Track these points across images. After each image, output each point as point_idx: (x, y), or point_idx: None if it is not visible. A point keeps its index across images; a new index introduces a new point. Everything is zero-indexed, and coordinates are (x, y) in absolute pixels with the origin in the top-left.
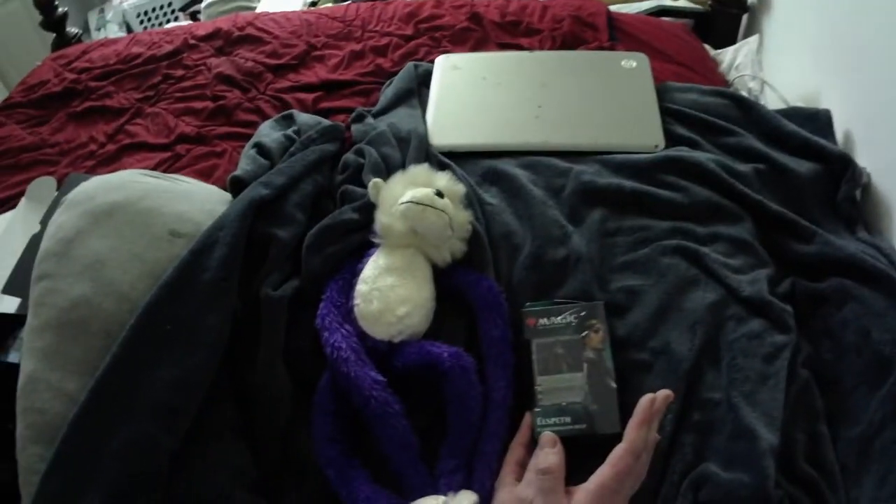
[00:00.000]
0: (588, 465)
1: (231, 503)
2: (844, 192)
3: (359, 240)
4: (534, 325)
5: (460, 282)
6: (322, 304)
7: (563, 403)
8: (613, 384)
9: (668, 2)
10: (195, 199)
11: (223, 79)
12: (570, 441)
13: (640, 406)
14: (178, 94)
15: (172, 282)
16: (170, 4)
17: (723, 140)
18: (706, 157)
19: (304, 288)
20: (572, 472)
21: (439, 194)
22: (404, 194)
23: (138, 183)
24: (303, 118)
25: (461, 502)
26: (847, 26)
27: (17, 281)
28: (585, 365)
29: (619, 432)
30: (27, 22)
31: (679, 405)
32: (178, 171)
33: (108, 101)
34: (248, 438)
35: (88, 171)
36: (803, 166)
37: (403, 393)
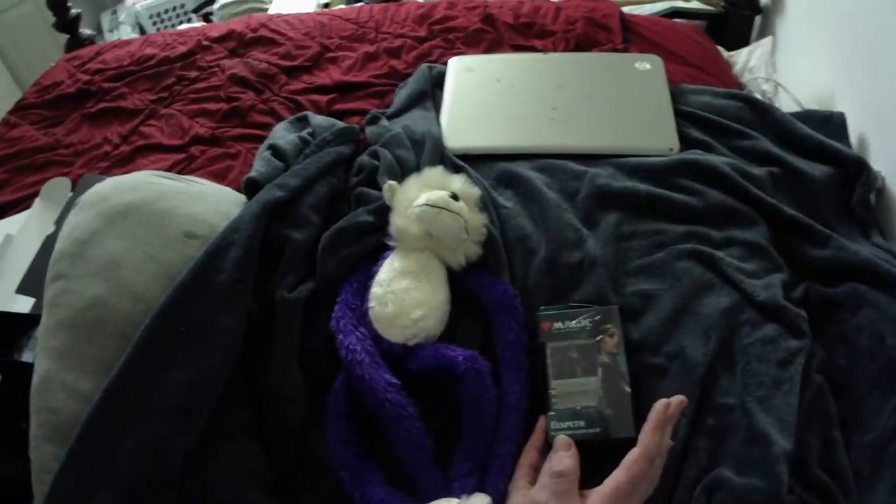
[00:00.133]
0: (602, 469)
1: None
2: (859, 195)
3: (374, 242)
4: (548, 329)
5: (475, 285)
6: (337, 307)
7: (578, 407)
8: (628, 388)
9: (680, 3)
10: (209, 200)
11: (237, 80)
12: (583, 445)
13: (655, 411)
14: (192, 96)
15: (187, 283)
16: (182, 6)
17: (737, 143)
18: (721, 160)
19: (318, 290)
20: (586, 476)
21: (454, 197)
22: (419, 197)
23: (153, 184)
24: (317, 120)
25: None
26: (861, 28)
27: (32, 281)
28: (600, 369)
29: (634, 437)
30: (40, 23)
31: (693, 410)
32: (193, 172)
33: (122, 103)
34: (263, 440)
35: (103, 172)
36: (818, 170)
37: (418, 396)
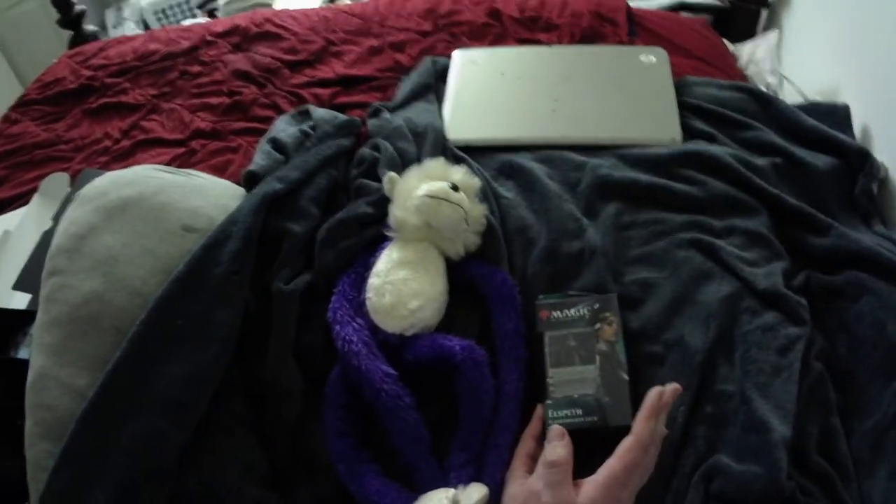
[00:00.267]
0: (598, 457)
1: (241, 498)
2: (861, 185)
3: (372, 234)
4: (546, 318)
5: (474, 275)
6: (334, 298)
7: (575, 396)
8: (626, 376)
9: None
10: (209, 194)
11: (239, 74)
12: (581, 433)
13: (648, 399)
14: (195, 90)
15: (184, 276)
16: (187, 2)
17: (741, 134)
18: (723, 150)
19: (316, 282)
20: (582, 464)
21: (454, 188)
22: (419, 188)
23: (152, 178)
24: (319, 113)
25: (471, 495)
26: (866, 22)
27: (28, 277)
28: (598, 357)
29: (631, 425)
30: (45, 20)
31: (692, 397)
32: (193, 166)
33: (124, 98)
34: (259, 433)
35: (102, 167)
36: (821, 160)
37: (415, 386)
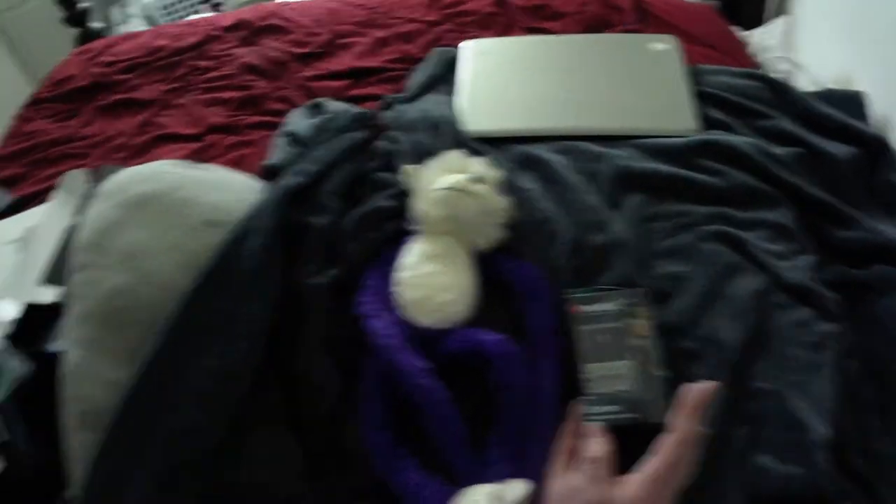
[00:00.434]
0: (634, 454)
1: (276, 490)
2: (881, 176)
3: (395, 227)
4: (578, 313)
5: (503, 268)
6: (364, 292)
7: (612, 392)
8: (661, 372)
9: None
10: (229, 188)
11: (250, 69)
12: (617, 430)
13: (686, 396)
14: (206, 85)
15: (212, 271)
16: None
17: (757, 123)
18: (741, 140)
19: (342, 276)
20: (621, 460)
21: (476, 180)
22: (440, 181)
23: (171, 173)
24: (333, 106)
25: (514, 492)
26: (880, 6)
27: (55, 272)
28: (632, 352)
29: (669, 421)
30: (50, 18)
31: (729, 395)
32: (209, 160)
33: (136, 94)
34: (294, 426)
35: (120, 163)
36: (840, 150)
37: (449, 380)
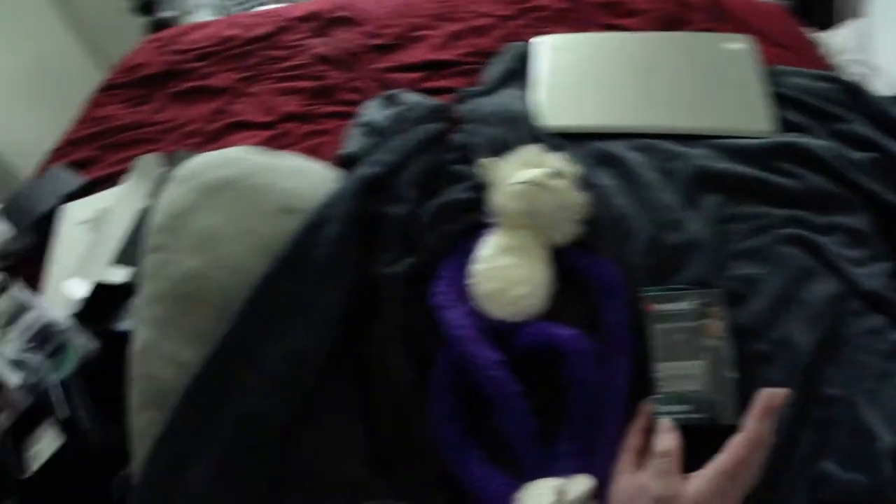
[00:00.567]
0: (703, 454)
1: (343, 478)
2: None
3: (472, 219)
4: (654, 311)
5: (580, 264)
6: (439, 283)
7: (683, 391)
8: (733, 374)
9: None
10: (304, 176)
11: (323, 59)
12: (687, 430)
13: (760, 399)
14: (279, 75)
15: (288, 257)
16: None
17: (833, 127)
18: (818, 143)
19: (418, 266)
20: (690, 461)
21: (554, 175)
22: (518, 174)
23: (247, 160)
24: (409, 97)
25: (578, 486)
26: None
27: (127, 253)
28: (706, 353)
29: (739, 424)
30: (119, 7)
31: (798, 400)
32: (284, 148)
33: (209, 82)
34: (365, 415)
35: (194, 149)
36: None
37: (521, 373)
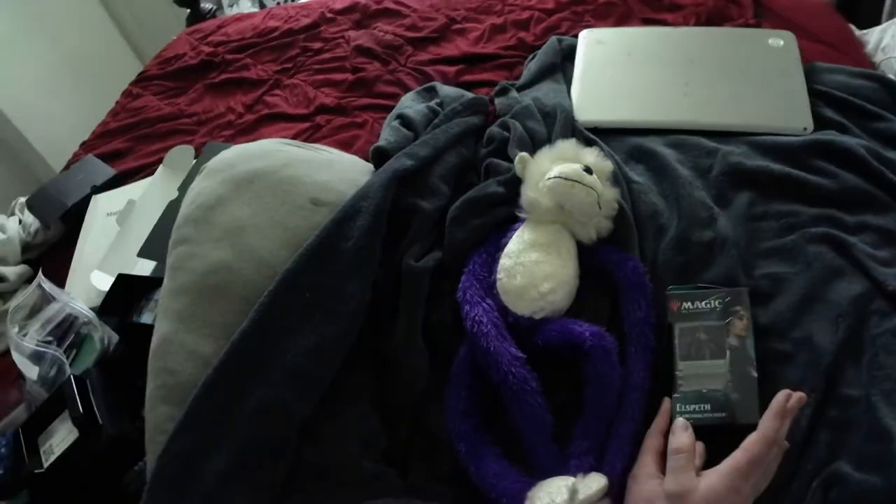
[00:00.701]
0: (724, 454)
1: (360, 471)
2: None
3: (503, 214)
4: (677, 309)
5: (604, 260)
6: (464, 277)
7: (704, 390)
8: (755, 373)
9: None
10: (337, 168)
11: (362, 51)
12: (707, 429)
13: (777, 399)
14: (317, 66)
15: (314, 249)
16: None
17: (872, 125)
18: (856, 142)
19: (446, 260)
20: (712, 461)
21: (588, 170)
22: (552, 169)
23: (280, 151)
24: (446, 90)
25: (590, 485)
26: None
27: (153, 245)
28: (728, 352)
29: (758, 423)
30: None
31: (818, 400)
32: (318, 141)
33: (246, 73)
34: (381, 408)
35: (227, 141)
36: None
37: (539, 370)
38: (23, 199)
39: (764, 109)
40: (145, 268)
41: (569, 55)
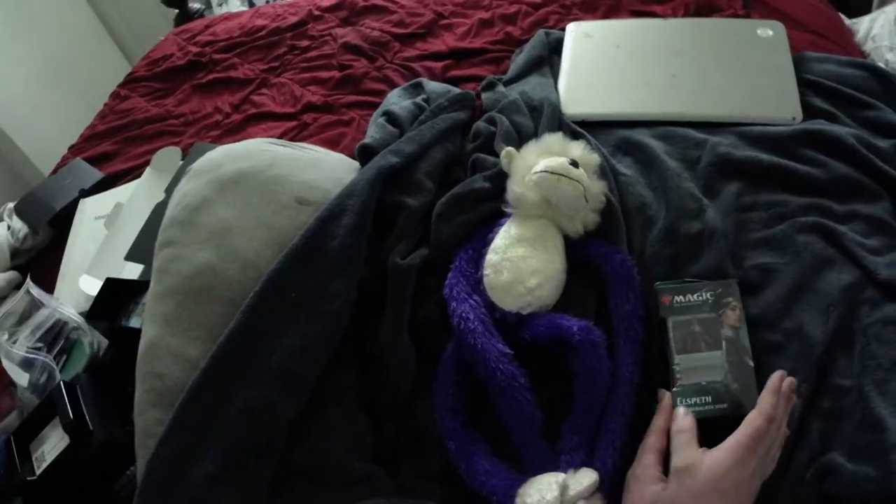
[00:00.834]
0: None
1: (348, 471)
2: None
3: (489, 209)
4: (669, 303)
5: (592, 254)
6: (450, 274)
7: (703, 383)
8: (751, 363)
9: None
10: (323, 167)
11: (350, 48)
12: (709, 422)
13: (772, 378)
14: (304, 65)
15: (299, 249)
16: None
17: (862, 114)
18: (845, 131)
19: (432, 257)
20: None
21: (574, 164)
22: (538, 164)
23: (265, 151)
24: (432, 86)
25: (581, 480)
26: None
27: (140, 248)
28: (724, 343)
29: None
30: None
31: (809, 390)
32: (305, 139)
33: (233, 73)
34: (369, 407)
35: (214, 141)
36: None
37: (528, 365)
38: (11, 205)
39: (752, 100)
40: (134, 271)
41: (556, 48)
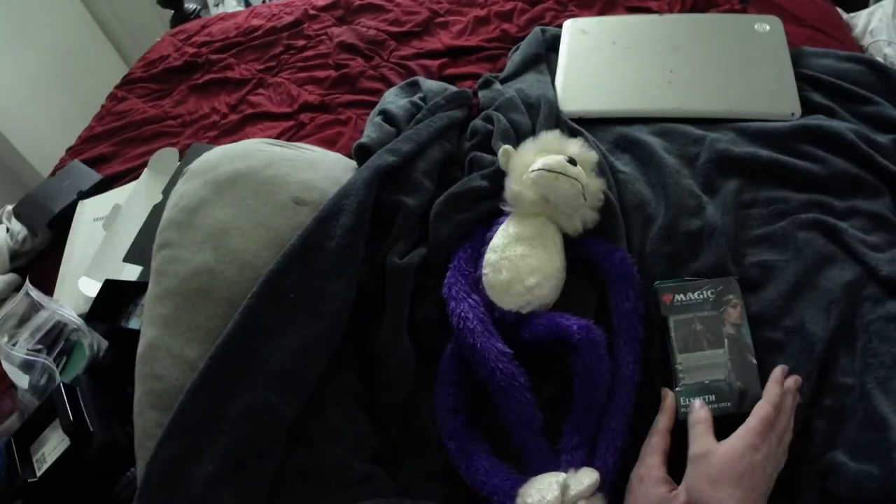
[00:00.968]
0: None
1: (349, 471)
2: None
3: (488, 208)
4: (670, 302)
5: (592, 252)
6: (449, 273)
7: (707, 381)
8: (754, 360)
9: None
10: (320, 167)
11: (346, 47)
12: (714, 420)
13: (775, 371)
14: (301, 64)
15: (297, 250)
16: None
17: (860, 109)
18: (845, 126)
19: (430, 256)
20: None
21: (572, 162)
22: (535, 161)
23: (262, 151)
24: (429, 84)
25: (581, 480)
26: None
27: (138, 250)
28: (726, 341)
29: None
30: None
31: (811, 388)
32: (302, 139)
33: (230, 73)
34: (369, 407)
35: (211, 142)
36: None
37: (527, 365)
38: (10, 207)
39: (751, 95)
40: (133, 273)
41: (553, 46)
